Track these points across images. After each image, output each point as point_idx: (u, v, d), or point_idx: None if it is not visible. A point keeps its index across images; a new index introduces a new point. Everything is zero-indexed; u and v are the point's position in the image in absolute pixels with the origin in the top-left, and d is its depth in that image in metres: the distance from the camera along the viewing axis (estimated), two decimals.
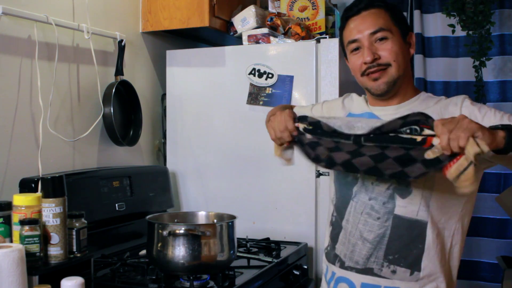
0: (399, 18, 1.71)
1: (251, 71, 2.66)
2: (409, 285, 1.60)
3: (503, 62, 3.35)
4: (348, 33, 1.71)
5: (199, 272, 1.85)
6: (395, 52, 1.64)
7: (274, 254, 2.29)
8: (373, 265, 1.62)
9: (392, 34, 1.66)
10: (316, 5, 3.05)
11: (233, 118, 2.72)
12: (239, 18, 2.88)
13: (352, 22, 1.71)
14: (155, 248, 1.76)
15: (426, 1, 3.47)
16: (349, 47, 1.71)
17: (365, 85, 1.71)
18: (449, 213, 1.61)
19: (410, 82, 1.74)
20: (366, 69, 1.66)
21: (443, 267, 1.61)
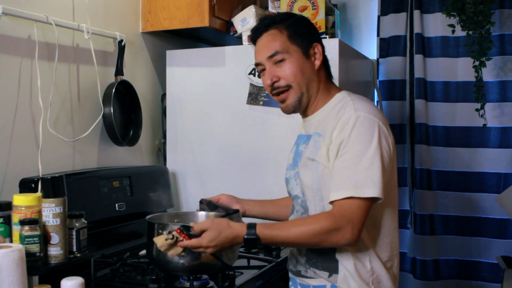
0: (299, 35, 1.76)
1: (251, 71, 2.66)
2: (333, 279, 1.72)
3: (503, 62, 3.35)
4: (255, 56, 1.82)
5: (199, 272, 1.85)
6: (293, 72, 1.74)
7: (274, 254, 2.29)
8: (300, 268, 1.80)
9: (290, 55, 1.74)
10: (316, 5, 3.05)
11: (233, 118, 2.72)
12: (239, 18, 2.88)
13: (257, 45, 1.82)
14: (154, 248, 1.76)
15: (426, 1, 3.47)
16: (257, 69, 1.83)
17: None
18: None
19: (323, 89, 1.80)
20: (271, 90, 1.78)
21: (363, 270, 1.70)
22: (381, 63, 3.54)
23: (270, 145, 2.65)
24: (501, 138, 3.36)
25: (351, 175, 1.60)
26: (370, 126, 1.64)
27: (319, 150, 1.70)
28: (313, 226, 1.60)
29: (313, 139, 1.76)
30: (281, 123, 2.61)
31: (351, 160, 1.61)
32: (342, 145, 1.63)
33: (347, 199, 1.59)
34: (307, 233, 1.61)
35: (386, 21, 3.54)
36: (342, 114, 1.68)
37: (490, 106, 3.34)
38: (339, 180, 1.62)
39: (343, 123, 1.65)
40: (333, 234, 1.58)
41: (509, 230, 3.35)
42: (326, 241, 1.61)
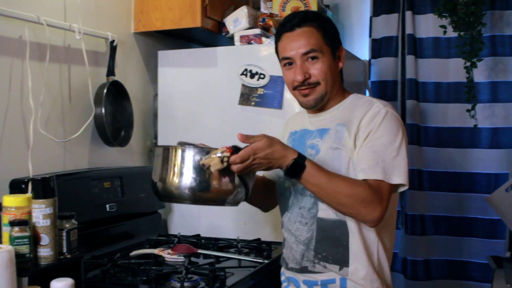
0: (330, 36, 1.84)
1: (243, 71, 2.66)
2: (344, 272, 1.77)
3: (494, 63, 3.36)
4: (282, 49, 1.85)
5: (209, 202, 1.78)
6: (325, 71, 1.80)
7: (265, 254, 2.29)
8: (307, 264, 1.82)
9: (323, 54, 1.81)
10: (309, 6, 3.05)
11: (225, 119, 2.72)
12: (231, 18, 2.88)
13: (286, 38, 1.84)
14: (172, 173, 1.68)
15: (418, 2, 3.48)
16: (283, 62, 1.86)
17: (296, 98, 1.89)
18: None
19: (339, 89, 1.90)
20: (296, 85, 1.83)
21: (371, 261, 1.76)
22: (373, 64, 3.55)
23: None
24: (492, 138, 3.38)
25: (380, 161, 1.69)
26: (396, 122, 1.77)
27: (342, 139, 1.78)
28: (354, 188, 1.66)
29: (333, 130, 1.82)
30: (273, 124, 2.61)
31: (379, 146, 1.71)
32: (371, 133, 1.73)
33: (378, 181, 1.68)
34: (346, 191, 1.66)
35: (378, 22, 3.55)
36: (369, 107, 1.79)
37: (481, 106, 3.35)
38: (370, 162, 1.70)
39: (373, 115, 1.76)
40: (365, 205, 1.66)
41: (500, 230, 3.36)
42: (357, 209, 1.67)
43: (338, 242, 1.78)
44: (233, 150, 1.62)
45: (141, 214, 2.60)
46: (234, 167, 1.61)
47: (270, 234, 2.60)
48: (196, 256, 2.27)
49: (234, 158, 1.60)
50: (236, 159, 1.60)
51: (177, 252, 2.20)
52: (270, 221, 2.63)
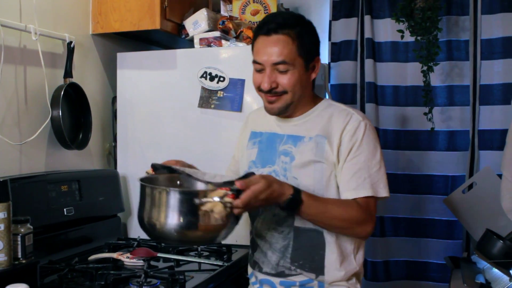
0: (306, 47, 1.79)
1: (203, 74, 2.65)
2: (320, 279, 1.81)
3: (450, 67, 3.43)
4: (255, 52, 1.82)
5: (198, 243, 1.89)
6: (293, 83, 1.78)
7: (225, 257, 2.29)
8: (284, 269, 1.84)
9: (294, 66, 1.77)
10: (268, 9, 3.07)
11: (185, 122, 2.71)
12: (190, 21, 2.87)
13: (261, 42, 1.79)
14: (165, 216, 1.57)
15: (376, 7, 3.52)
16: (254, 65, 1.82)
17: (262, 100, 1.86)
18: None
19: (309, 97, 1.88)
20: (264, 91, 1.80)
21: (346, 269, 1.80)
22: (333, 67, 3.58)
23: (221, 148, 2.65)
24: (449, 141, 3.44)
25: (366, 177, 1.75)
26: (375, 134, 1.83)
27: (323, 152, 1.79)
28: (349, 212, 1.72)
29: (313, 141, 1.81)
30: (233, 127, 2.61)
31: (363, 162, 1.76)
32: (354, 148, 1.76)
33: (366, 197, 1.74)
34: (341, 216, 1.72)
35: (337, 25, 3.58)
36: (347, 119, 1.80)
37: (438, 110, 3.42)
38: (358, 180, 1.74)
39: (353, 128, 1.78)
40: (359, 226, 1.73)
41: (457, 231, 3.43)
42: (352, 229, 1.75)
43: (315, 251, 1.80)
44: (235, 194, 1.56)
45: (100, 218, 2.56)
46: (236, 211, 1.57)
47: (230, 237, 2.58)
48: (155, 260, 2.25)
49: (237, 203, 1.55)
50: (239, 204, 1.56)
51: (136, 256, 2.18)
52: None
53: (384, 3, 3.52)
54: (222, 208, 1.54)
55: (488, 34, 3.37)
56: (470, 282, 2.88)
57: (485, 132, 3.39)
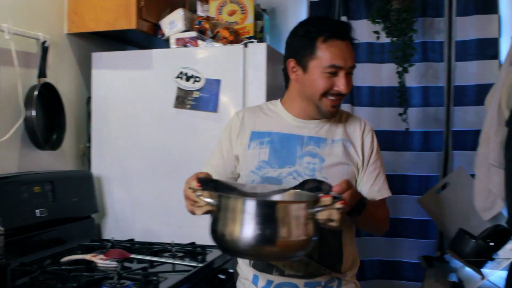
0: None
1: (179, 74, 2.65)
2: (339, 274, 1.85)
3: (425, 68, 3.46)
4: (333, 56, 1.73)
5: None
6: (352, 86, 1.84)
7: (199, 258, 2.29)
8: (313, 270, 1.80)
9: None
10: (245, 10, 3.07)
11: (160, 122, 2.70)
12: (167, 21, 2.86)
13: (337, 46, 1.74)
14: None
15: (353, 8, 3.54)
16: (328, 69, 1.74)
17: (320, 105, 1.79)
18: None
19: None
20: (329, 93, 1.76)
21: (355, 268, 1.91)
22: None
23: (197, 149, 2.65)
24: (423, 141, 3.48)
25: (384, 179, 1.88)
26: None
27: (350, 155, 1.84)
28: (385, 213, 1.88)
29: (341, 144, 1.84)
30: (208, 127, 2.61)
31: (381, 166, 1.89)
32: (374, 152, 1.88)
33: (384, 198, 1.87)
34: (382, 216, 1.86)
35: None
36: (359, 123, 1.91)
37: (413, 110, 3.44)
38: (379, 182, 1.86)
39: (370, 134, 1.90)
40: (387, 224, 1.89)
41: (430, 230, 3.46)
42: (384, 228, 1.89)
43: (337, 251, 1.83)
44: (343, 200, 1.48)
45: (74, 219, 2.55)
46: (340, 216, 1.49)
47: (205, 238, 2.58)
48: (129, 261, 2.23)
49: (344, 207, 1.50)
50: (346, 208, 1.53)
51: (109, 258, 2.17)
52: (205, 224, 2.62)
53: (360, 5, 3.54)
54: (339, 215, 1.46)
55: (463, 35, 3.42)
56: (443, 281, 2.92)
57: (459, 132, 3.43)
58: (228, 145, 1.91)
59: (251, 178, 1.83)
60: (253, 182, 1.83)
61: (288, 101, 1.90)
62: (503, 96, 2.98)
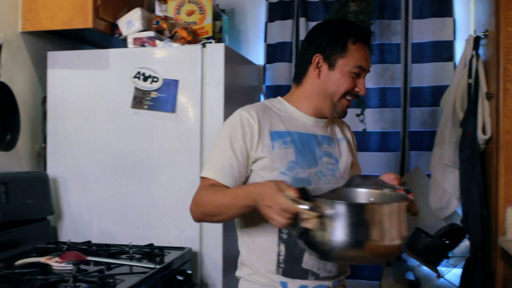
0: None
1: (136, 74, 2.62)
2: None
3: (382, 70, 3.51)
4: (359, 58, 1.76)
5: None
6: None
7: (157, 260, 2.27)
8: (342, 268, 1.80)
9: None
10: (204, 10, 3.06)
11: (118, 122, 2.67)
12: (124, 20, 2.83)
13: (363, 48, 1.78)
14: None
15: (311, 10, 3.57)
16: (354, 68, 1.75)
17: (337, 104, 1.79)
18: None
19: None
20: (349, 94, 1.78)
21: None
22: (268, 69, 3.61)
23: (155, 149, 2.63)
24: (381, 142, 3.52)
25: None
26: None
27: (352, 154, 1.90)
28: None
29: (345, 142, 1.89)
30: (166, 127, 2.60)
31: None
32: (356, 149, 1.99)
33: None
34: None
35: (273, 27, 3.61)
36: (343, 121, 1.95)
37: (370, 111, 3.49)
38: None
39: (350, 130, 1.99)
40: None
41: None
42: None
43: None
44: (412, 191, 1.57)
45: (28, 221, 2.50)
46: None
47: (164, 239, 2.58)
48: (86, 264, 2.20)
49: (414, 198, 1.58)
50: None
51: (65, 260, 2.13)
52: (163, 225, 2.61)
53: (319, 6, 3.57)
54: (416, 206, 1.58)
55: (419, 38, 3.48)
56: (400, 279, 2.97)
57: (415, 133, 3.49)
58: (242, 146, 1.73)
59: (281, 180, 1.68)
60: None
61: (299, 99, 1.84)
62: (457, 98, 3.06)
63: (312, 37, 1.85)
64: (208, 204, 1.68)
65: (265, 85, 3.58)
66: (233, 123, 1.77)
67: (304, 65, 1.82)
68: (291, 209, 1.41)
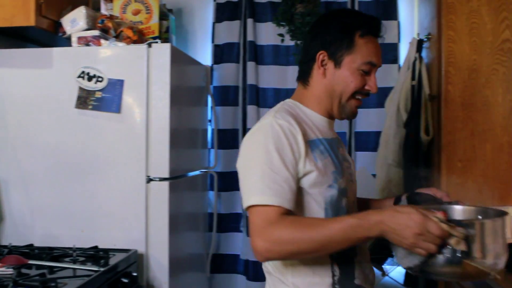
0: None
1: (80, 74, 2.58)
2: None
3: None
4: (370, 53, 1.63)
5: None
6: None
7: (102, 262, 2.23)
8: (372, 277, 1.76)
9: None
10: (150, 9, 3.04)
11: (62, 123, 2.62)
12: (68, 18, 2.78)
13: (373, 43, 1.64)
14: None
15: (259, 11, 3.58)
16: (362, 65, 1.62)
17: (345, 105, 1.67)
18: None
19: None
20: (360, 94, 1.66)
21: None
22: (215, 69, 3.60)
23: (100, 150, 2.59)
24: None
25: None
26: None
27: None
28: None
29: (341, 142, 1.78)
30: (111, 128, 2.57)
31: None
32: None
33: None
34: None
35: (220, 28, 3.60)
36: None
37: None
38: None
39: None
40: None
41: None
42: None
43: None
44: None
45: None
46: None
47: (109, 241, 2.54)
48: (27, 268, 2.15)
49: None
50: None
51: (5, 264, 2.08)
52: (108, 227, 2.57)
53: (266, 7, 3.58)
54: None
55: None
56: None
57: (361, 134, 3.54)
58: (293, 161, 1.53)
59: (329, 193, 1.60)
60: (332, 197, 1.60)
61: (310, 100, 1.69)
62: (401, 99, 3.11)
63: (315, 32, 1.68)
64: (307, 241, 1.41)
65: (213, 86, 3.58)
66: (276, 135, 1.54)
67: (308, 63, 1.68)
68: (445, 233, 1.33)
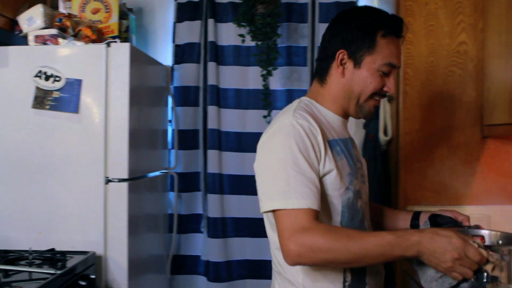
0: None
1: (37, 73, 2.54)
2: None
3: (289, 72, 3.56)
4: (389, 53, 1.60)
5: None
6: None
7: (59, 265, 2.20)
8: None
9: None
10: (110, 8, 3.00)
11: (18, 123, 2.57)
12: (25, 17, 2.73)
13: (394, 43, 1.61)
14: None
15: (220, 11, 3.57)
16: (383, 66, 1.60)
17: (363, 105, 1.65)
18: None
19: None
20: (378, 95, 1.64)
21: None
22: (176, 70, 3.57)
23: (58, 151, 2.55)
24: None
25: None
26: None
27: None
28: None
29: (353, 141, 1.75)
30: (69, 128, 2.53)
31: None
32: None
33: None
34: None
35: (181, 28, 3.58)
36: None
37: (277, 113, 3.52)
38: None
39: None
40: None
41: None
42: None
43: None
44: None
45: None
46: None
47: (67, 243, 2.50)
48: None
49: None
50: None
51: None
52: (66, 229, 2.54)
53: (227, 8, 3.57)
54: None
55: None
56: None
57: None
58: (315, 161, 1.51)
59: (346, 196, 1.58)
60: (349, 199, 1.59)
61: (327, 98, 1.67)
62: None
63: (336, 30, 1.64)
64: (343, 251, 1.37)
65: (173, 86, 3.55)
66: (298, 135, 1.50)
67: (326, 60, 1.65)
68: (484, 259, 1.32)
